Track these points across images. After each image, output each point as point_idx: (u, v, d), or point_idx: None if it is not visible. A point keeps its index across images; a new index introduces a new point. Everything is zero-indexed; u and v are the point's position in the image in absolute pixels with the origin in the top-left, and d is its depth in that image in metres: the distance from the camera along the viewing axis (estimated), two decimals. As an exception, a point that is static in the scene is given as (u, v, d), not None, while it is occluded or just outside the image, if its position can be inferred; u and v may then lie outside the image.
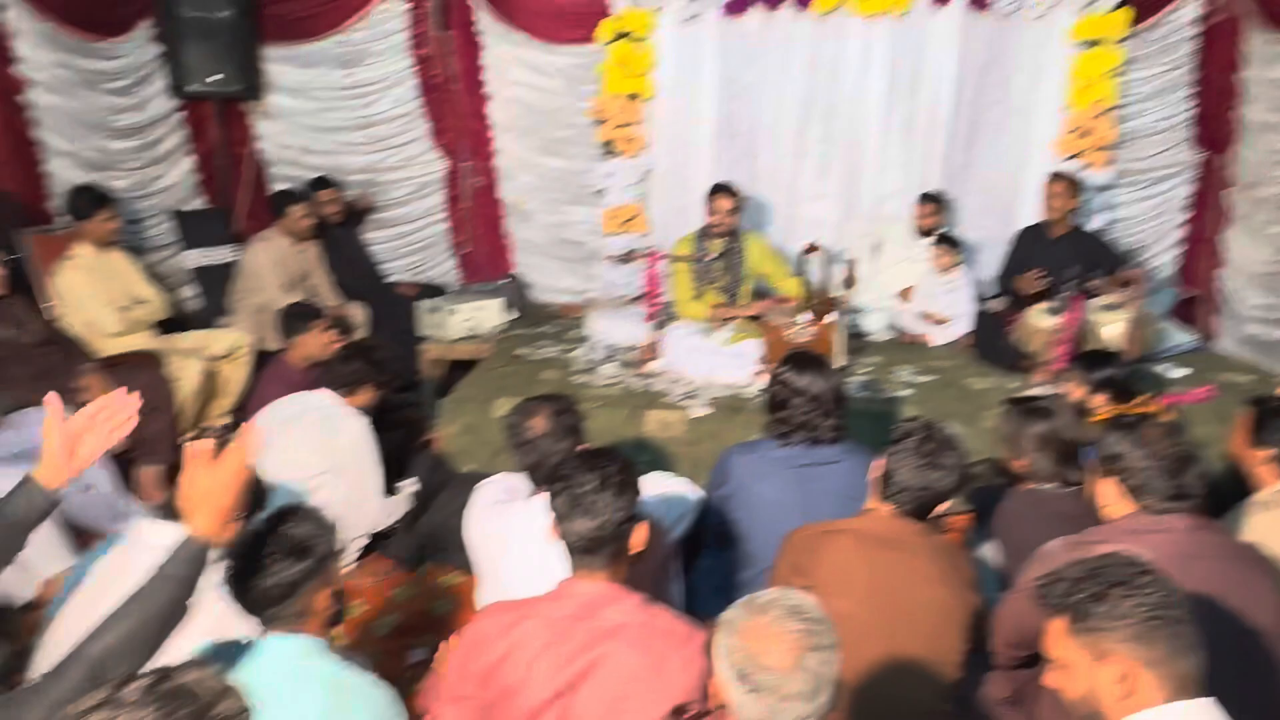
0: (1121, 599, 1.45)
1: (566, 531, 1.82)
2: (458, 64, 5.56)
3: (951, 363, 4.62)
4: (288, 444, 3.16)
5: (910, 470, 2.18)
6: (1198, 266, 5.73)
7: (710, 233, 4.70)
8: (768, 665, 1.36)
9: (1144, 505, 2.12)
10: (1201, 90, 5.47)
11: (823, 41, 5.41)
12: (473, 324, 4.96)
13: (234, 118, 5.60)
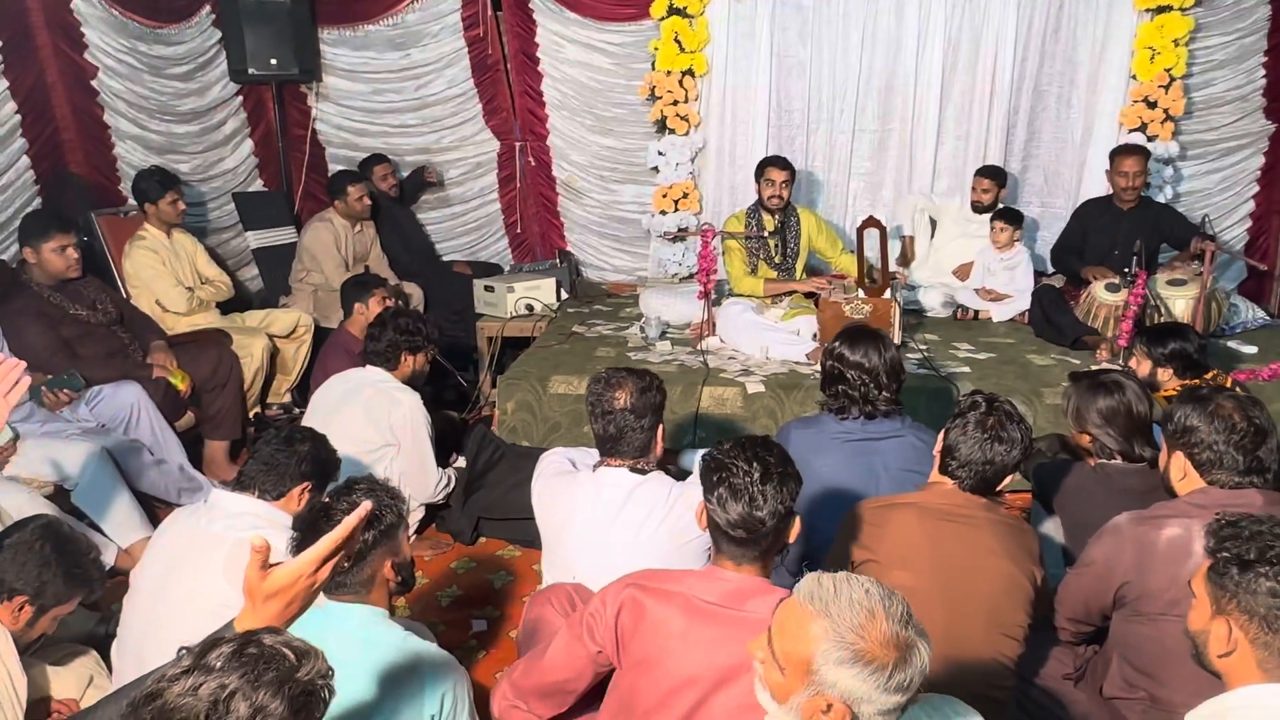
0: (1263, 578, 1.44)
1: (723, 520, 1.78)
2: (510, 44, 5.60)
3: (1011, 339, 4.56)
4: (347, 419, 3.24)
5: (973, 444, 2.16)
6: (1269, 241, 5.57)
7: (764, 207, 4.68)
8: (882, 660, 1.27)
9: (1215, 480, 2.08)
10: (1275, 58, 5.29)
11: (879, 15, 5.34)
12: (528, 302, 5.00)
13: (292, 101, 5.71)
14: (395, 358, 3.41)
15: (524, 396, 3.86)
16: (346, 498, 1.89)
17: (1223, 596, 1.47)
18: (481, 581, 3.25)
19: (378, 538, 1.85)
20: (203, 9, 5.22)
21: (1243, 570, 1.45)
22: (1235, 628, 1.45)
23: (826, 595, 1.32)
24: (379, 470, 3.24)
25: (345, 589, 1.83)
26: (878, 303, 4.06)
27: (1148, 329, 3.55)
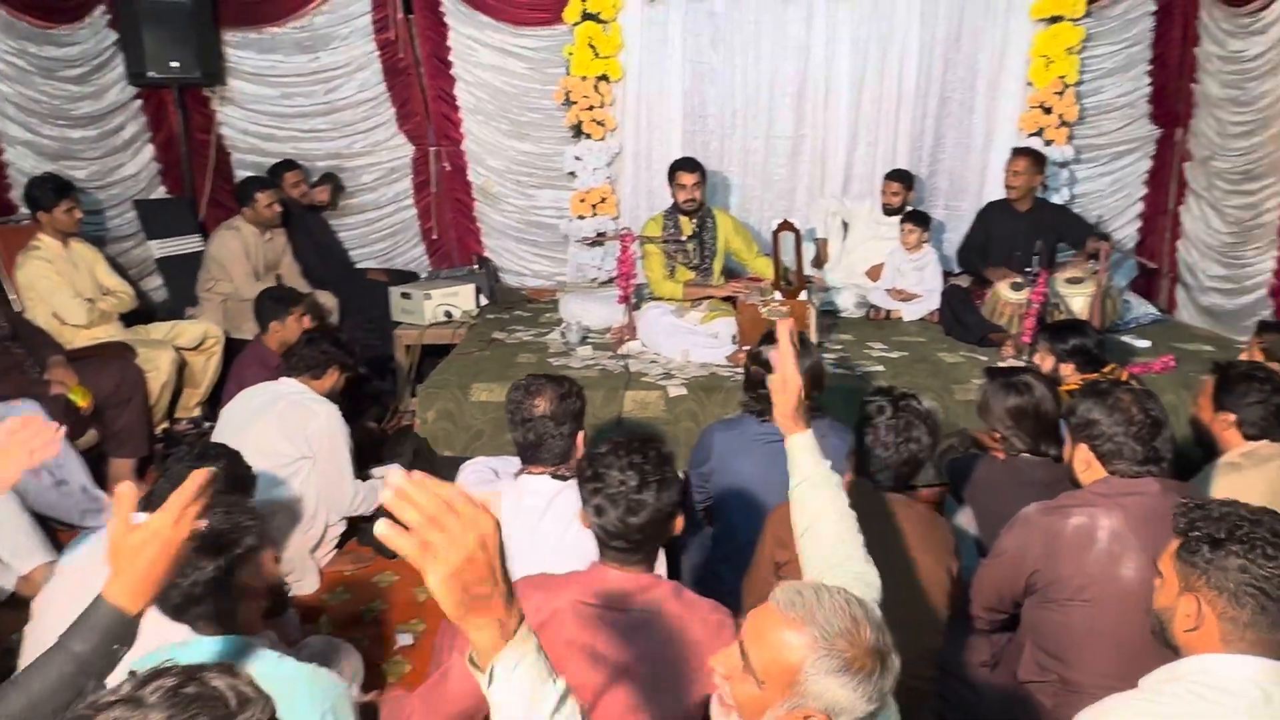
0: (1233, 556, 1.48)
1: (601, 529, 1.77)
2: (423, 47, 5.52)
3: (922, 338, 4.68)
4: (260, 432, 3.15)
5: (887, 448, 2.21)
6: (1157, 240, 5.85)
7: (679, 211, 4.71)
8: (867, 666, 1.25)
9: (1116, 470, 2.17)
10: (1159, 66, 5.57)
11: (789, 23, 5.43)
12: (446, 309, 4.93)
13: (195, 105, 5.50)
14: (324, 369, 3.34)
15: (445, 405, 3.80)
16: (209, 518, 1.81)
17: (1193, 574, 1.52)
18: (406, 595, 3.18)
19: (235, 562, 1.77)
20: (96, 9, 4.99)
21: (1214, 548, 1.50)
22: (1204, 604, 1.50)
23: (809, 603, 1.28)
24: (294, 484, 3.16)
25: (207, 620, 1.76)
26: (794, 304, 4.13)
27: (1049, 326, 3.69)
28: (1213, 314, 5.36)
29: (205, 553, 1.72)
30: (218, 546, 1.75)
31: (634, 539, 1.74)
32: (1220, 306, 5.30)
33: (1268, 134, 4.85)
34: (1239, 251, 5.16)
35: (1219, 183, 5.28)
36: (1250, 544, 1.47)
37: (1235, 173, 5.14)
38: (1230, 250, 5.23)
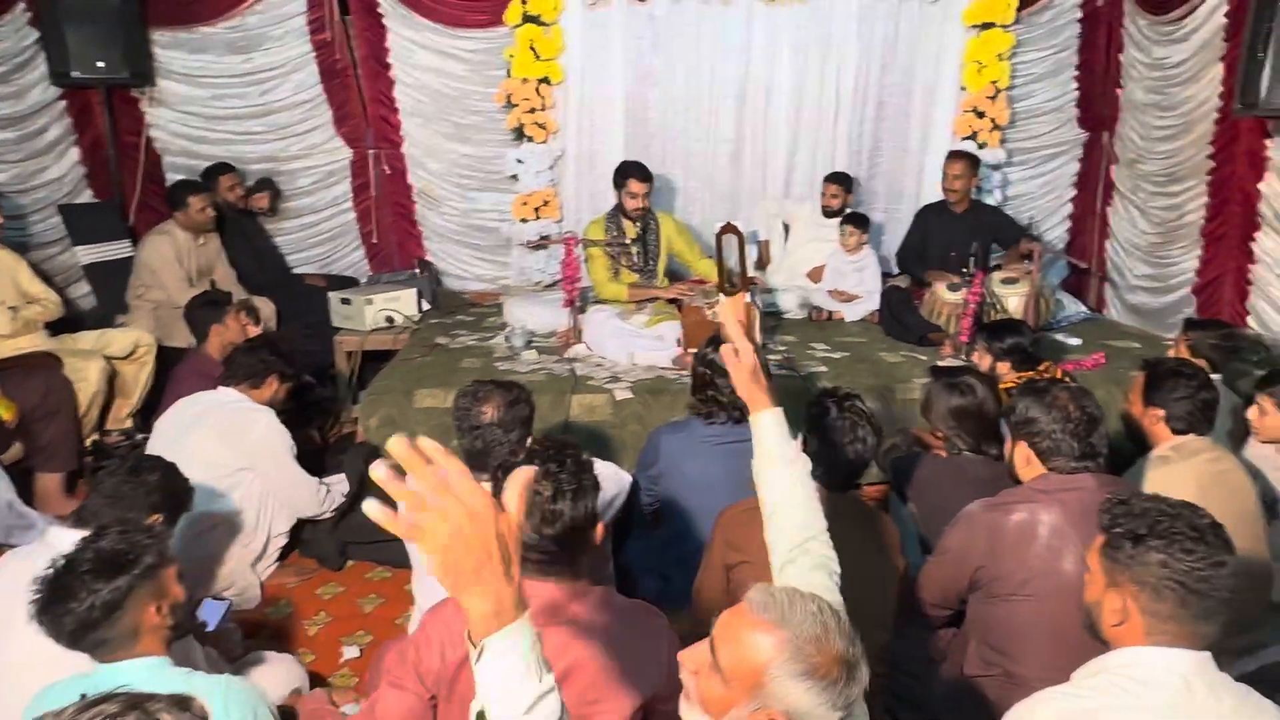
0: (1154, 552, 1.51)
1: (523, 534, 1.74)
2: (360, 49, 5.43)
3: (863, 338, 4.74)
4: (198, 443, 3.07)
5: (834, 450, 2.24)
6: (1086, 240, 6.02)
7: (623, 214, 4.71)
8: (836, 673, 1.25)
9: (1055, 466, 2.22)
10: (1085, 72, 5.74)
11: (729, 27, 5.47)
12: (387, 314, 4.85)
13: (123, 106, 5.33)
14: (263, 377, 3.26)
15: (388, 412, 3.73)
16: (93, 545, 1.76)
17: (1117, 570, 1.55)
18: (351, 607, 3.12)
19: (134, 581, 1.72)
20: (16, 6, 4.78)
21: (1135, 544, 1.53)
22: (1128, 598, 1.52)
23: (781, 607, 1.28)
24: (235, 495, 3.09)
25: (107, 646, 1.71)
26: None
27: (986, 325, 3.77)
28: (1140, 312, 5.53)
29: (101, 574, 1.68)
30: (115, 566, 1.70)
31: (550, 550, 1.69)
32: (1147, 305, 5.47)
33: (1190, 138, 5.01)
34: (1164, 251, 5.33)
35: (1144, 185, 5.45)
36: (1170, 539, 1.50)
37: (1160, 175, 5.30)
38: (1156, 250, 5.40)
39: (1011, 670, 2.14)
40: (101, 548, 1.73)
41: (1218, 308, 4.87)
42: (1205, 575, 1.48)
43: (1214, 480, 2.50)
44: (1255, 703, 1.47)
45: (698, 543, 2.64)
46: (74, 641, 1.70)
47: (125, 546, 1.74)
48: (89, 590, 1.66)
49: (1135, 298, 5.59)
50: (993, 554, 2.15)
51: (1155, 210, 5.37)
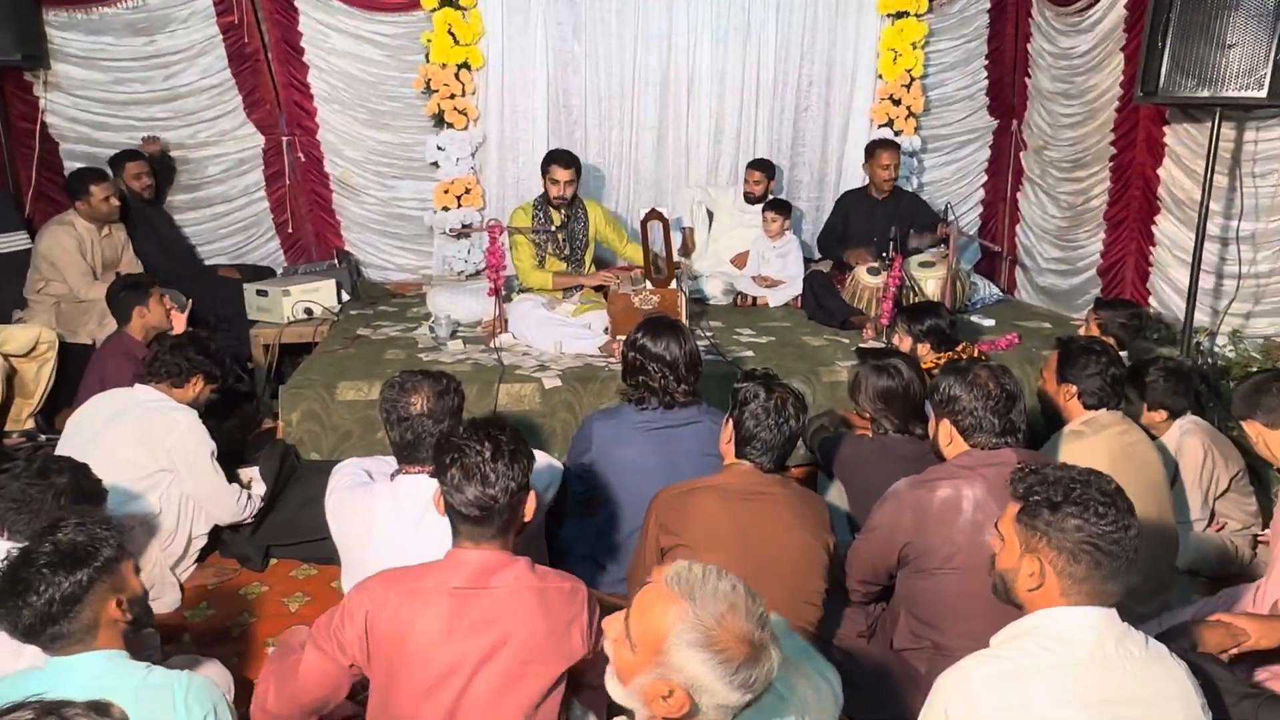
0: (1069, 517, 1.57)
1: (458, 501, 1.77)
2: (271, 32, 5.26)
3: (787, 323, 4.80)
4: (114, 442, 2.95)
5: (768, 430, 2.25)
6: (998, 224, 6.21)
7: (552, 203, 4.68)
8: (749, 655, 1.27)
9: (977, 442, 2.28)
10: (994, 61, 5.90)
11: (651, 14, 5.47)
12: (306, 305, 4.73)
13: (16, 90, 5.06)
14: (187, 377, 3.14)
15: (310, 406, 3.63)
16: (50, 538, 1.71)
17: (1033, 536, 1.60)
18: (275, 606, 3.03)
19: (95, 575, 1.68)
20: (-107, -17, 4.51)
21: (1053, 511, 1.58)
22: (1045, 563, 1.58)
23: (694, 581, 1.31)
24: (152, 496, 2.97)
25: (64, 640, 1.66)
26: (665, 293, 4.16)
27: (906, 308, 3.85)
28: (1049, 293, 5.73)
29: (61, 567, 1.64)
30: (74, 560, 1.66)
31: (487, 508, 1.76)
32: (1056, 286, 5.68)
33: (1094, 124, 5.20)
34: (1071, 235, 5.53)
35: (1052, 170, 5.64)
36: (1084, 505, 1.57)
37: (1066, 161, 5.50)
38: (1063, 234, 5.60)
39: (940, 642, 2.20)
40: (59, 540, 1.69)
41: (1121, 288, 5.08)
42: (1117, 537, 1.55)
43: (1124, 452, 2.61)
44: (1155, 649, 1.57)
45: (632, 527, 2.65)
46: (29, 635, 1.65)
47: (84, 539, 1.70)
48: (48, 583, 1.62)
49: (1045, 280, 5.79)
50: (919, 529, 2.20)
51: (1062, 195, 5.56)
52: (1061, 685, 1.49)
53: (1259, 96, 3.67)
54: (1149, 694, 1.50)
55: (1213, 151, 3.98)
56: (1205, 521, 3.14)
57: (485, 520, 1.78)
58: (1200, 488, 3.10)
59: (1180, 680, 1.54)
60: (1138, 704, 1.49)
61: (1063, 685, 1.49)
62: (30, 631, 1.65)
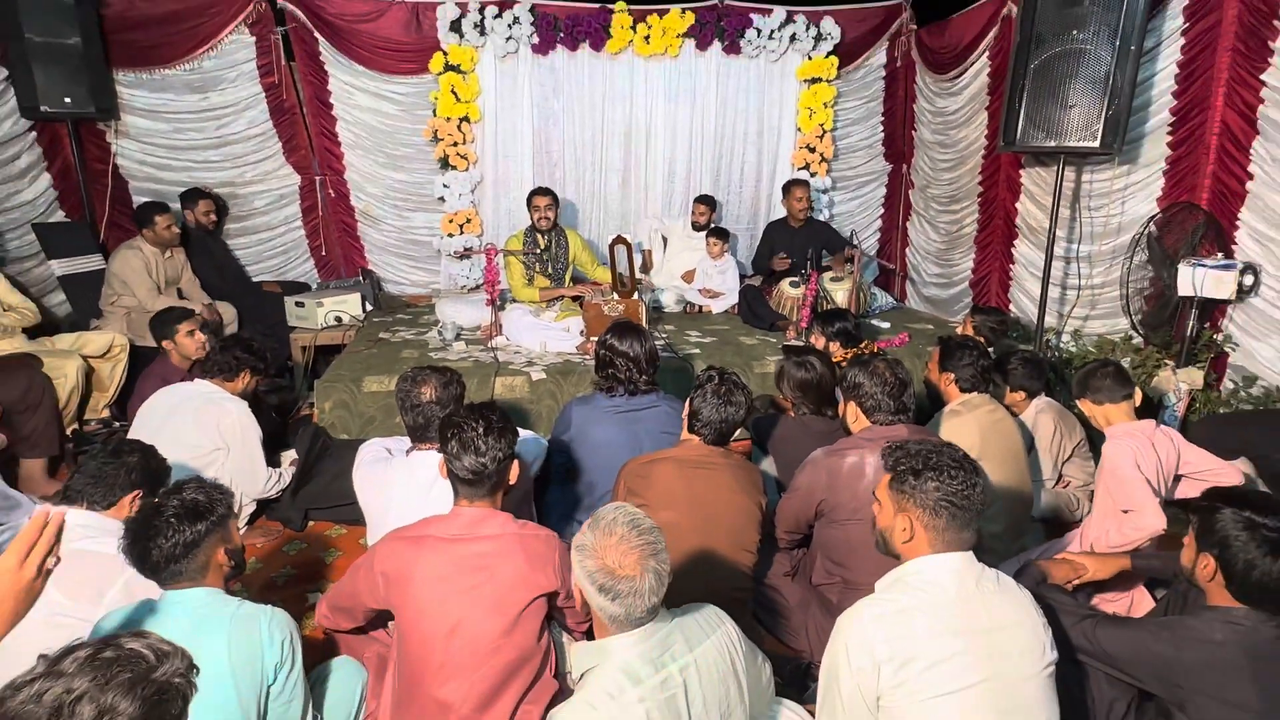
0: (929, 480, 1.58)
1: (457, 467, 1.80)
2: (305, 90, 5.16)
3: (727, 326, 4.81)
4: (178, 427, 2.88)
5: (711, 409, 2.27)
6: (892, 247, 6.29)
7: (536, 229, 4.65)
8: (623, 576, 1.39)
9: (877, 420, 2.32)
10: (888, 117, 5.97)
11: (615, 77, 5.45)
12: (336, 314, 4.65)
13: (90, 137, 4.90)
14: (236, 371, 3.07)
15: (340, 396, 3.58)
16: (177, 495, 1.72)
17: (902, 498, 1.61)
18: (313, 559, 2.99)
19: (210, 527, 1.68)
20: (-14, 47, 4.34)
21: (916, 477, 1.60)
22: (913, 520, 1.59)
23: (595, 520, 1.45)
24: (209, 472, 2.89)
25: (182, 577, 1.66)
26: (629, 303, 4.16)
27: (820, 314, 3.87)
28: (932, 301, 5.82)
29: (185, 519, 1.65)
30: (196, 514, 1.66)
31: (480, 472, 1.79)
32: (937, 296, 5.77)
33: (965, 168, 5.29)
34: (948, 255, 5.62)
35: (933, 204, 5.72)
36: (940, 469, 1.58)
37: (944, 197, 5.58)
38: (942, 254, 5.68)
39: (848, 578, 2.23)
40: (185, 497, 1.69)
41: (988, 298, 5.17)
42: (967, 494, 1.56)
43: (991, 427, 2.65)
44: (1005, 583, 1.59)
45: (604, 490, 2.64)
46: (154, 572, 1.65)
47: (204, 498, 1.70)
48: (175, 531, 1.63)
49: (928, 290, 5.87)
50: (831, 489, 2.23)
51: (941, 224, 5.65)
52: (937, 619, 1.50)
53: (1093, 146, 3.75)
54: (1004, 621, 1.52)
55: (1058, 189, 4.07)
56: (1054, 480, 3.20)
57: (478, 482, 1.81)
58: (1051, 454, 3.16)
59: (1026, 608, 1.56)
60: (997, 630, 1.50)
61: (938, 619, 1.50)
62: (155, 568, 1.64)
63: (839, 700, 1.53)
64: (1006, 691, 1.47)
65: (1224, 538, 1.64)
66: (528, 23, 5.13)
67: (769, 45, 5.45)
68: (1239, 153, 3.60)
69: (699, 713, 1.42)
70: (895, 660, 1.47)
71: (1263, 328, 3.56)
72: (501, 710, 1.72)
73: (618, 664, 1.39)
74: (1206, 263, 3.56)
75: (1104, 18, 3.61)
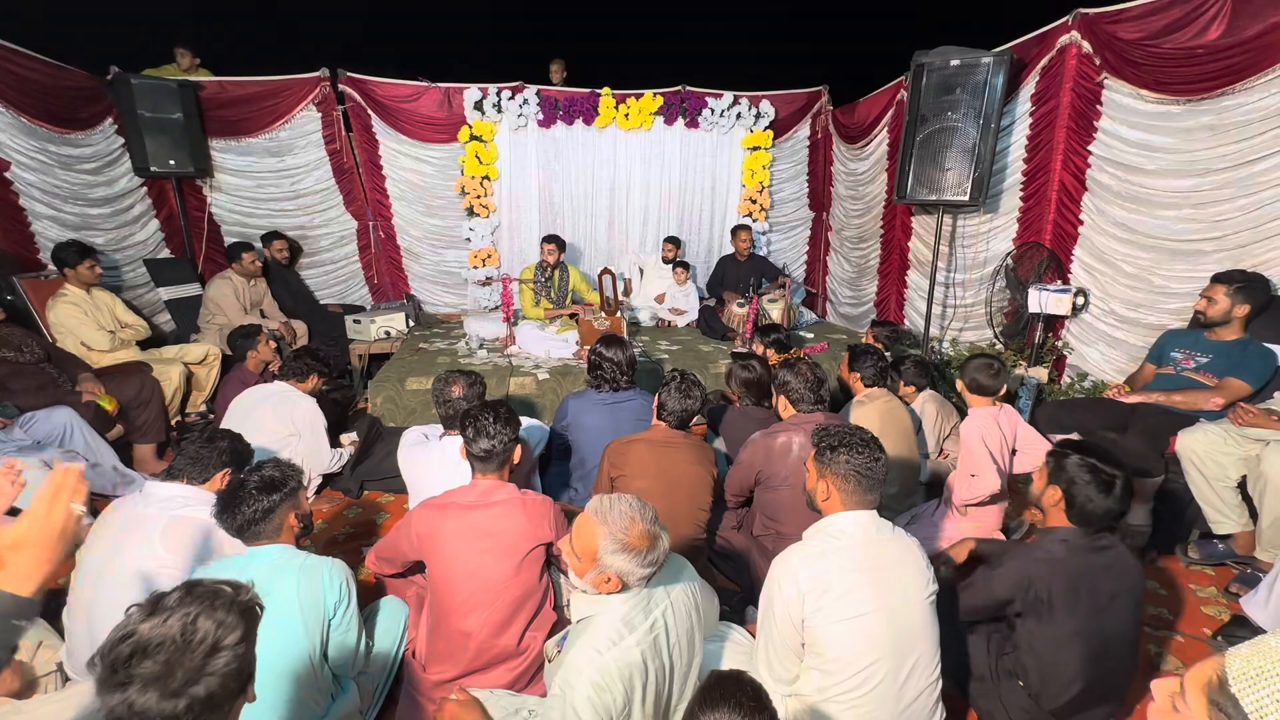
0: (841, 453, 1.59)
1: (474, 449, 1.80)
2: (361, 155, 5.10)
3: (689, 337, 4.81)
4: (261, 418, 2.84)
5: (675, 401, 2.28)
6: (815, 276, 6.32)
7: (544, 265, 4.64)
8: (642, 549, 1.33)
9: (800, 409, 2.33)
10: (812, 176, 6.01)
11: (603, 146, 5.44)
12: (385, 329, 4.61)
13: (190, 191, 4.83)
14: (306, 375, 3.05)
15: (389, 392, 3.55)
16: (258, 472, 1.69)
17: (823, 466, 1.62)
18: (367, 520, 2.96)
19: (284, 497, 1.66)
20: (105, 120, 4.26)
21: (832, 451, 1.61)
22: (830, 484, 1.60)
23: (605, 510, 1.33)
24: (284, 454, 2.85)
25: (262, 536, 1.65)
26: (613, 320, 4.16)
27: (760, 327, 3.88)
28: (846, 318, 5.85)
29: (264, 490, 1.63)
30: (272, 486, 1.65)
31: (491, 451, 1.80)
32: (850, 313, 5.81)
33: (870, 215, 5.34)
34: (858, 283, 5.66)
35: (846, 244, 5.76)
36: (850, 446, 1.60)
37: (854, 238, 5.63)
38: (853, 282, 5.72)
39: (780, 530, 2.24)
40: (264, 474, 1.67)
41: (888, 314, 5.22)
42: (871, 466, 1.58)
43: (889, 414, 2.68)
44: (899, 533, 1.61)
45: (594, 466, 2.64)
46: (240, 532, 1.63)
47: (279, 475, 1.68)
48: (255, 500, 1.62)
49: (843, 309, 5.91)
50: (767, 462, 2.24)
51: (852, 258, 5.69)
52: (846, 559, 1.52)
53: (964, 199, 3.81)
54: (897, 560, 1.54)
55: (938, 231, 4.12)
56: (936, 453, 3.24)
57: (490, 459, 1.81)
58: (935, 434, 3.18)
59: (913, 550, 1.58)
60: (890, 568, 1.52)
61: (847, 559, 1.52)
62: (240, 530, 1.63)
63: (773, 622, 1.54)
64: (898, 616, 1.50)
65: (1071, 477, 1.67)
66: (534, 103, 5.12)
67: (720, 121, 5.48)
68: (1072, 204, 3.67)
69: (674, 644, 1.41)
70: (815, 591, 1.49)
71: (1091, 336, 3.64)
72: (511, 636, 1.71)
73: (618, 615, 1.35)
74: (1049, 288, 3.63)
75: (971, 103, 3.68)
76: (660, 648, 1.37)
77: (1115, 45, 3.29)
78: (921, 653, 1.51)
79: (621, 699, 1.28)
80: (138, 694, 0.88)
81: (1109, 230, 3.46)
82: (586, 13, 7.31)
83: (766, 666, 1.57)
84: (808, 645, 1.51)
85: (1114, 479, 1.63)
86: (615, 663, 1.29)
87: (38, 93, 3.80)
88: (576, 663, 1.30)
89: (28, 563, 0.99)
